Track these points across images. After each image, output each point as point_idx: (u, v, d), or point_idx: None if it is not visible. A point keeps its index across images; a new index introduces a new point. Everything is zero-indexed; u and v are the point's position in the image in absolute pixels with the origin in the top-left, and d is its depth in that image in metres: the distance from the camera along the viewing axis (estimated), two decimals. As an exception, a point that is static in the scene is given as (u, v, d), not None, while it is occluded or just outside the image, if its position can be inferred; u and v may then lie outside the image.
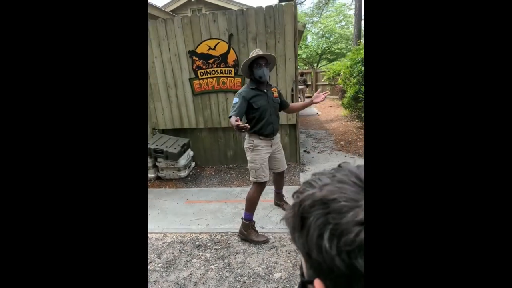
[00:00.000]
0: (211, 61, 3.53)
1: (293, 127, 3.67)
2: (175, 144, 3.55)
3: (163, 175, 3.61)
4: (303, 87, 8.77)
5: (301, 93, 8.31)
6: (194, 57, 3.54)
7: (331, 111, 7.98)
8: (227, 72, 3.54)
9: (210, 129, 3.86)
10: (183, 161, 3.54)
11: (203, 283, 1.83)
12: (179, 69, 3.61)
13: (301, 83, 8.35)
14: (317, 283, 0.31)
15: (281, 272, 1.88)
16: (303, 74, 10.16)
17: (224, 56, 3.49)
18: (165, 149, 3.39)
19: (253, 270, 1.91)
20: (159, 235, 2.41)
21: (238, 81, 3.55)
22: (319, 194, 0.30)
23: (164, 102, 3.77)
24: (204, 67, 3.56)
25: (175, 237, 2.37)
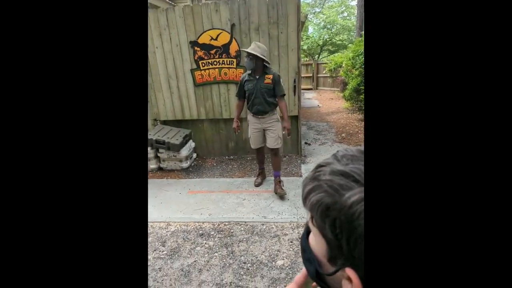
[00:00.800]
0: (213, 52, 3.50)
1: (295, 118, 3.67)
2: (177, 135, 3.57)
3: (165, 166, 3.63)
4: None
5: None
6: (195, 48, 3.51)
7: (332, 103, 7.96)
8: (229, 63, 3.52)
9: (211, 120, 3.86)
10: (184, 152, 3.56)
11: (208, 270, 1.87)
12: (181, 59, 3.59)
13: None
14: (350, 272, 0.30)
15: (283, 259, 1.92)
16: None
17: (226, 46, 3.47)
18: (166, 140, 3.40)
19: (256, 257, 1.95)
20: (163, 224, 2.45)
21: (240, 72, 3.53)
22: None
23: (165, 93, 3.76)
24: (206, 58, 3.53)
25: (178, 226, 2.41)
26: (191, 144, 3.79)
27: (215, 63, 3.54)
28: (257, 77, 2.61)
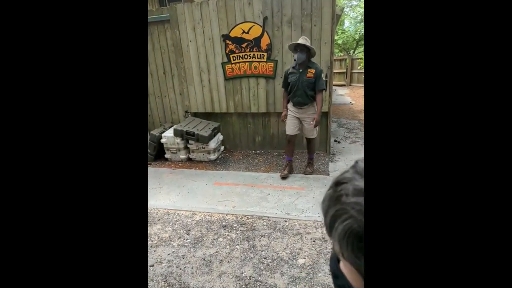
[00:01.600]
0: (244, 45, 3.50)
1: (325, 115, 3.55)
2: (206, 127, 3.64)
3: (193, 156, 3.73)
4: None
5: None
6: (227, 41, 3.53)
7: (366, 100, 7.59)
8: (259, 56, 3.50)
9: (239, 114, 3.88)
10: (213, 144, 3.63)
11: (228, 262, 1.89)
12: (213, 53, 3.64)
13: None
14: None
15: (305, 258, 1.88)
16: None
17: (257, 40, 3.44)
18: (196, 132, 3.48)
19: (277, 254, 1.94)
20: (188, 213, 2.52)
21: (270, 66, 3.49)
22: None
23: (196, 86, 3.85)
24: (237, 51, 3.54)
25: (203, 216, 2.47)
26: (219, 137, 3.85)
27: (246, 56, 3.54)
28: (301, 70, 2.75)
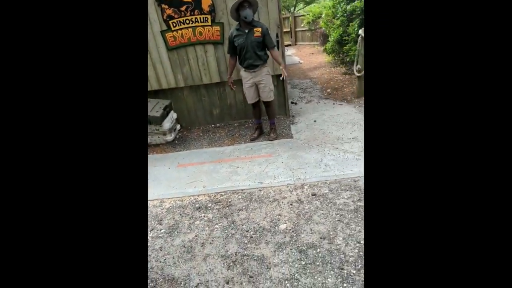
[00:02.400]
0: (183, 8, 3.11)
1: (280, 78, 3.47)
2: (156, 107, 3.31)
3: (148, 141, 3.42)
4: None
5: None
6: (163, 5, 3.09)
7: (313, 58, 7.69)
8: (203, 20, 3.16)
9: (191, 87, 3.59)
10: (167, 124, 3.34)
11: (210, 243, 1.83)
12: (148, 21, 3.18)
13: None
14: None
15: (286, 223, 1.90)
16: None
17: (197, 1, 3.07)
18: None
19: (258, 224, 1.93)
20: (156, 201, 2.35)
21: (216, 30, 3.20)
22: None
23: (136, 61, 3.39)
24: (176, 16, 3.14)
25: (173, 202, 2.32)
26: (173, 115, 3.55)
27: (187, 21, 3.17)
28: (246, 31, 2.64)
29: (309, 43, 10.00)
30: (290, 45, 10.78)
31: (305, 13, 9.93)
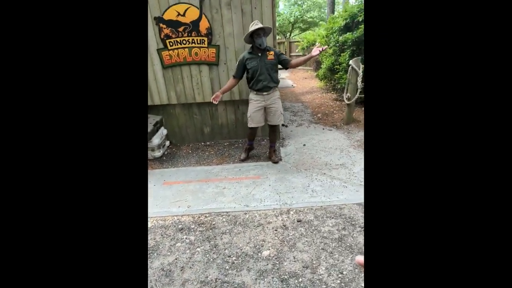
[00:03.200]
0: (181, 29, 3.19)
1: (272, 100, 3.54)
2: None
3: (135, 156, 3.37)
4: None
5: None
6: (161, 25, 3.17)
7: (306, 82, 7.92)
8: (199, 41, 3.25)
9: (183, 105, 3.61)
10: (156, 140, 3.32)
11: (190, 267, 1.77)
12: (145, 38, 3.24)
13: None
14: None
15: (269, 249, 1.87)
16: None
17: (195, 23, 3.17)
18: (136, 128, 3.13)
19: (241, 249, 1.88)
20: (138, 220, 2.28)
21: (212, 52, 3.28)
22: None
23: (130, 76, 3.41)
24: (173, 36, 3.22)
25: (155, 221, 2.25)
26: (163, 131, 3.54)
27: (184, 42, 3.25)
28: (259, 54, 2.74)
29: (303, 68, 10.33)
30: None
31: (300, 40, 10.34)
